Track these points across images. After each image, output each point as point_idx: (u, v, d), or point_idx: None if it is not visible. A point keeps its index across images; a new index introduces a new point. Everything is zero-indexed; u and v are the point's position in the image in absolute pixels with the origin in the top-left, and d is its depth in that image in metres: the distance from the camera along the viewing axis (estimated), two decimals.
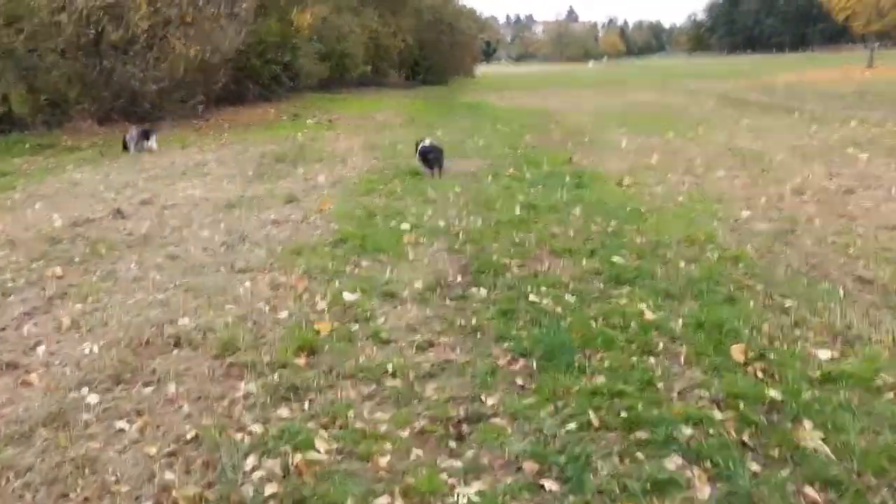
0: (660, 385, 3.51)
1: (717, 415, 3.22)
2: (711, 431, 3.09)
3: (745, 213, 7.08)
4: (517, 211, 7.45)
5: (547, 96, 28.20)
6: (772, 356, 3.77)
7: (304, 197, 8.66)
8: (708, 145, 12.15)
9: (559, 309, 4.54)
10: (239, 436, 3.21)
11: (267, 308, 4.78)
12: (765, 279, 5.04)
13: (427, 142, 10.22)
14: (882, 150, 10.67)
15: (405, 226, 6.92)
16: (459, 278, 5.29)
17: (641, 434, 3.09)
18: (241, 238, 6.73)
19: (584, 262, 5.57)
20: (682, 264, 5.43)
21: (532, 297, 4.75)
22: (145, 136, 13.40)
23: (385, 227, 6.89)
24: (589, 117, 18.40)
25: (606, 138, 13.66)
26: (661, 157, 10.82)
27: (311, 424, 3.30)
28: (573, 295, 4.80)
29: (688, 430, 3.09)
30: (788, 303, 4.55)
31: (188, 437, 3.23)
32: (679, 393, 3.44)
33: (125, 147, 13.27)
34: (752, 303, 4.57)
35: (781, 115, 16.68)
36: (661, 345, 3.98)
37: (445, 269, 5.53)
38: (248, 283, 5.30)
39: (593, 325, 4.27)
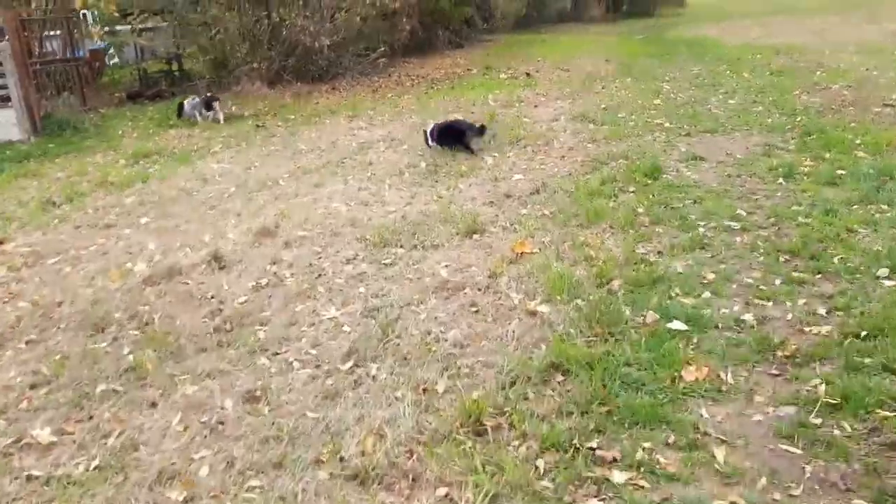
0: None
1: None
2: None
3: None
4: (886, 289, 3.91)
5: (777, 26, 22.08)
6: None
7: (491, 221, 5.62)
8: None
9: None
10: None
11: None
12: None
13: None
14: None
15: (677, 323, 3.66)
16: None
17: None
18: (383, 336, 3.84)
19: None
20: None
21: None
22: (207, 105, 11.79)
23: (638, 324, 3.66)
24: (861, 57, 13.37)
25: None
26: None
27: None
28: None
29: None
30: None
31: None
32: None
33: (179, 115, 11.87)
34: None
35: None
36: None
37: None
38: None
39: None
